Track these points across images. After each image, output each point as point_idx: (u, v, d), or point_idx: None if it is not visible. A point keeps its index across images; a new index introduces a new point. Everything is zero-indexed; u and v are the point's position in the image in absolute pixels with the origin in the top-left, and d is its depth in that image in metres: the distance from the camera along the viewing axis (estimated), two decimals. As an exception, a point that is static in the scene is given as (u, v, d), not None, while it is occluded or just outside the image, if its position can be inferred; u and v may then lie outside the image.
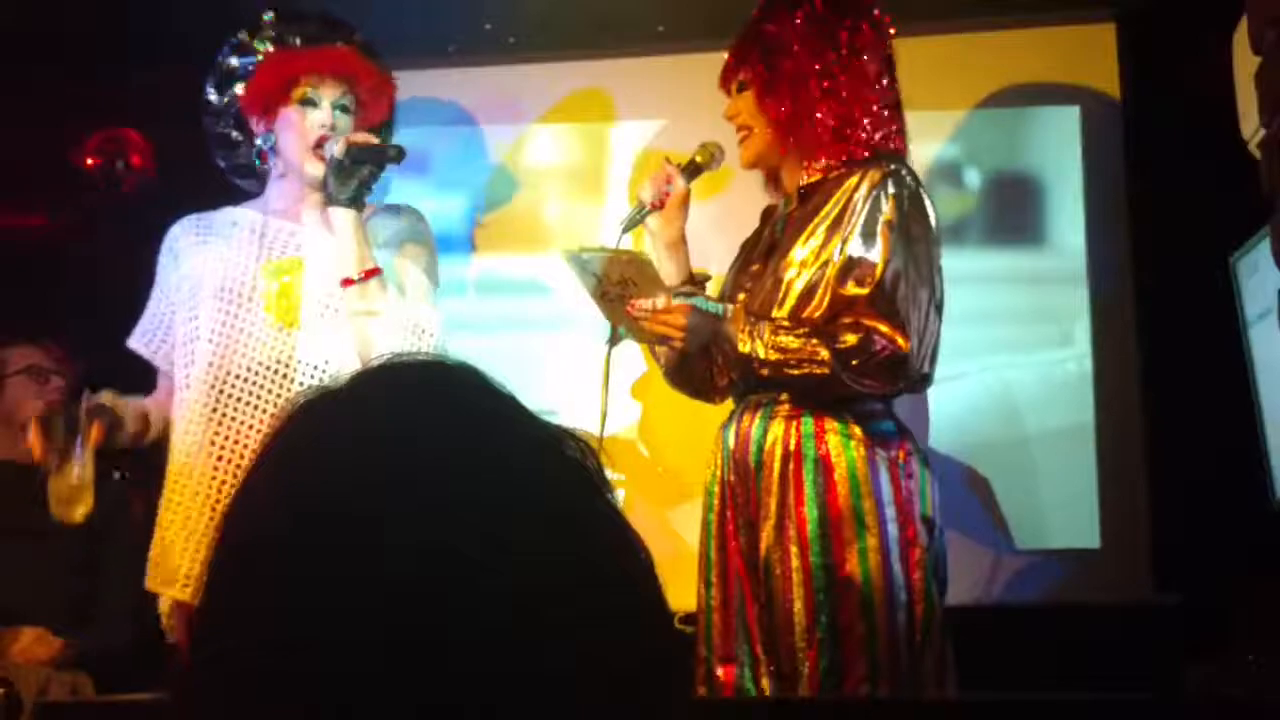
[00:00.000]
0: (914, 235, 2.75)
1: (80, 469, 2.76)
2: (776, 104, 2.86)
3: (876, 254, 2.72)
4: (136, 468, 3.95)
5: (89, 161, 4.40)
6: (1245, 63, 3.37)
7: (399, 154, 2.83)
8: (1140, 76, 3.98)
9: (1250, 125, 3.37)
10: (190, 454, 2.84)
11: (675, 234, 2.98)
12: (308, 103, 2.91)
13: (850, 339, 2.67)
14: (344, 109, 2.92)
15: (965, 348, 3.98)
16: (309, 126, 2.89)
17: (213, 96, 3.03)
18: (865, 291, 2.70)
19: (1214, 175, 3.63)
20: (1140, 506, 3.87)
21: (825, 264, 2.76)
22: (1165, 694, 3.29)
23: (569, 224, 4.22)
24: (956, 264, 3.98)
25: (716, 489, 2.89)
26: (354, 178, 2.81)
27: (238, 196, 3.08)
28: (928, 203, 2.81)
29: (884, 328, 2.67)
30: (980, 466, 3.98)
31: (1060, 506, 3.93)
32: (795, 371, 2.71)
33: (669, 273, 2.93)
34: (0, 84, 4.15)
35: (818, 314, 2.76)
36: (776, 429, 2.79)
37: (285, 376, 2.84)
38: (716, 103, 3.04)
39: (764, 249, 2.96)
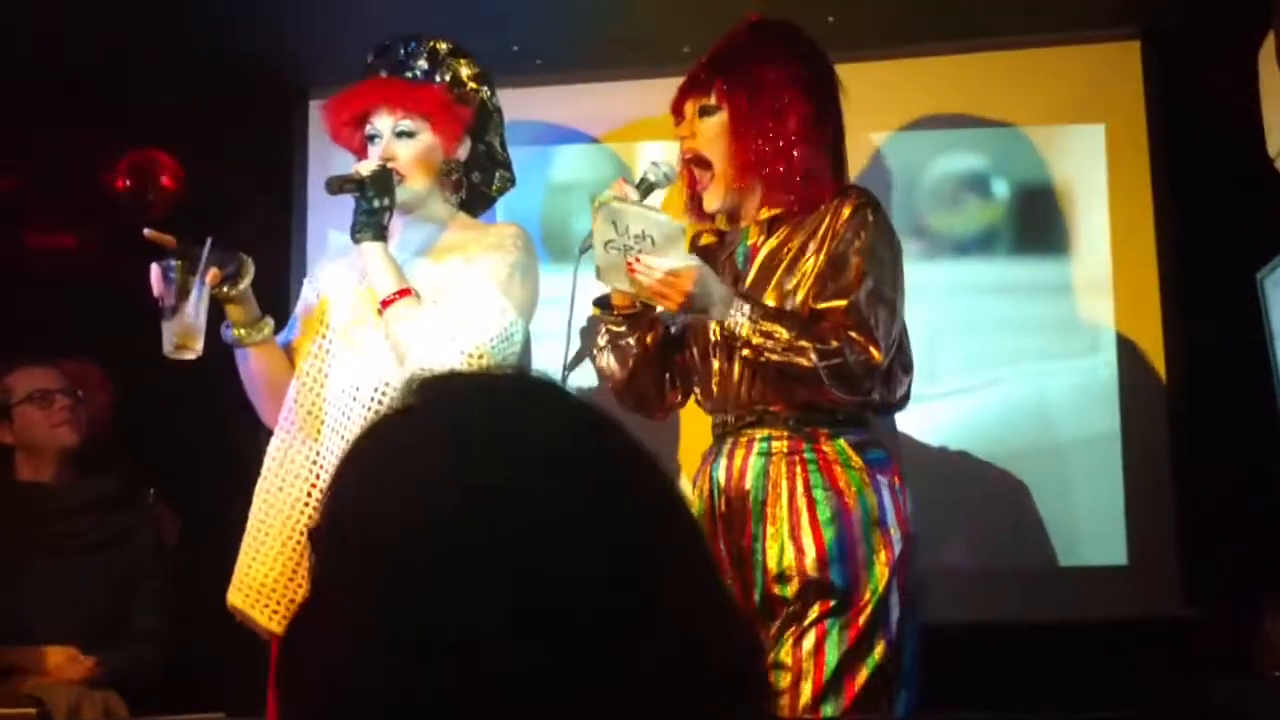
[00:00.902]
0: (885, 260, 2.83)
1: (194, 310, 2.80)
2: (752, 141, 2.87)
3: (852, 275, 2.79)
4: (168, 484, 3.98)
5: (119, 184, 4.43)
6: (1271, 79, 3.38)
7: (374, 176, 2.88)
8: (1165, 93, 3.98)
9: (1276, 141, 3.38)
10: (273, 470, 2.92)
11: None
12: (373, 138, 2.98)
13: (833, 342, 2.73)
14: (406, 134, 2.96)
15: (992, 358, 4.00)
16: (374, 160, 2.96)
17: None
18: (843, 304, 2.77)
19: (1241, 192, 3.64)
20: (1168, 521, 3.86)
21: (806, 291, 2.84)
22: (1191, 710, 3.29)
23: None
24: (985, 275, 4.04)
25: (705, 523, 2.88)
26: (359, 208, 2.89)
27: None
28: (892, 228, 2.92)
29: (858, 337, 2.74)
30: (1005, 479, 3.98)
31: (1087, 520, 3.92)
32: (777, 358, 2.75)
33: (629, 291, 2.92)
34: (31, 106, 4.18)
35: None
36: (778, 465, 2.84)
37: (355, 399, 2.88)
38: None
39: (729, 276, 2.94)
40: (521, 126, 4.33)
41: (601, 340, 3.05)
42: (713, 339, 2.91)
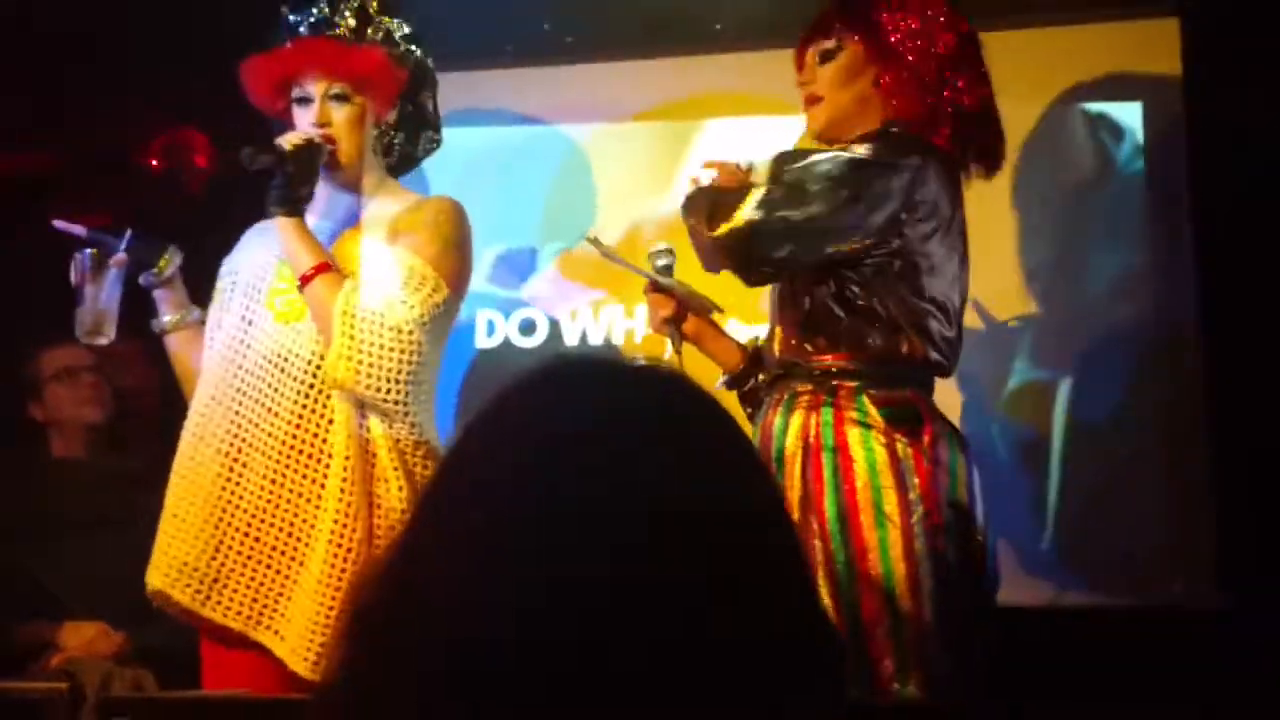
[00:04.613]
0: (841, 164, 2.70)
1: (105, 296, 2.88)
2: (893, 78, 2.78)
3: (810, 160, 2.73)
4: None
5: (154, 163, 4.45)
6: (1311, 56, 3.33)
7: (298, 151, 2.79)
8: (1203, 71, 3.93)
9: (1316, 120, 3.33)
10: (192, 444, 2.87)
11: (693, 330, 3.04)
12: (301, 100, 2.89)
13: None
14: (340, 98, 2.87)
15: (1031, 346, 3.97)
16: (304, 125, 2.87)
17: None
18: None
19: (1278, 170, 3.59)
20: (1205, 509, 3.81)
21: None
22: (1225, 699, 3.26)
23: (630, 222, 4.22)
24: (1027, 260, 4.00)
25: None
26: (277, 182, 2.80)
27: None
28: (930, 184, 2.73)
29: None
30: (1039, 465, 3.95)
31: (1123, 506, 3.88)
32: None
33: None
34: (65, 85, 4.20)
35: None
36: (796, 421, 2.73)
37: (284, 371, 2.83)
38: (772, 101, 3.00)
39: None
40: (553, 105, 4.33)
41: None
42: (773, 297, 2.89)
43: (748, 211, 2.68)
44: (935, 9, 2.82)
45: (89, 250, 2.87)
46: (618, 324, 4.20)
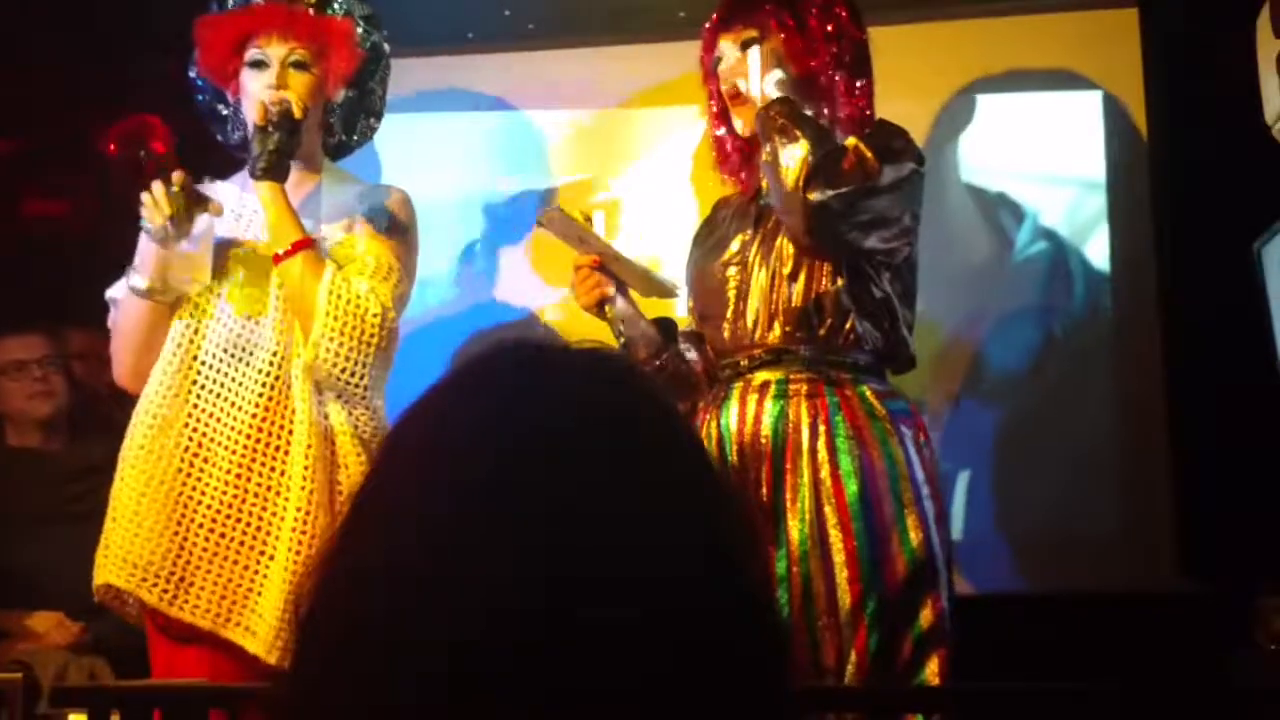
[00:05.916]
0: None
1: (202, 238, 2.75)
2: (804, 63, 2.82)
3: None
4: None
5: (111, 149, 4.41)
6: (1268, 47, 3.34)
7: (301, 118, 2.76)
8: (1163, 61, 3.95)
9: (1273, 110, 3.33)
10: (150, 437, 2.80)
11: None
12: (257, 64, 2.82)
13: None
14: (299, 65, 2.81)
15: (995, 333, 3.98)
16: (258, 89, 2.80)
17: (194, 73, 2.97)
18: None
19: (1239, 161, 3.60)
20: (1164, 492, 3.84)
21: None
22: (1183, 683, 3.28)
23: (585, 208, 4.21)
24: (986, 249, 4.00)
25: None
26: (266, 146, 2.73)
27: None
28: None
29: None
30: (1003, 452, 3.96)
31: (1082, 490, 3.89)
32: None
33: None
34: (24, 72, 4.17)
35: None
36: (797, 408, 2.71)
37: (247, 364, 2.79)
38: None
39: (751, 220, 2.88)
40: (518, 91, 4.32)
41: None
42: (729, 279, 2.83)
43: (843, 187, 2.65)
44: (845, 12, 2.87)
45: (177, 189, 2.70)
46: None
